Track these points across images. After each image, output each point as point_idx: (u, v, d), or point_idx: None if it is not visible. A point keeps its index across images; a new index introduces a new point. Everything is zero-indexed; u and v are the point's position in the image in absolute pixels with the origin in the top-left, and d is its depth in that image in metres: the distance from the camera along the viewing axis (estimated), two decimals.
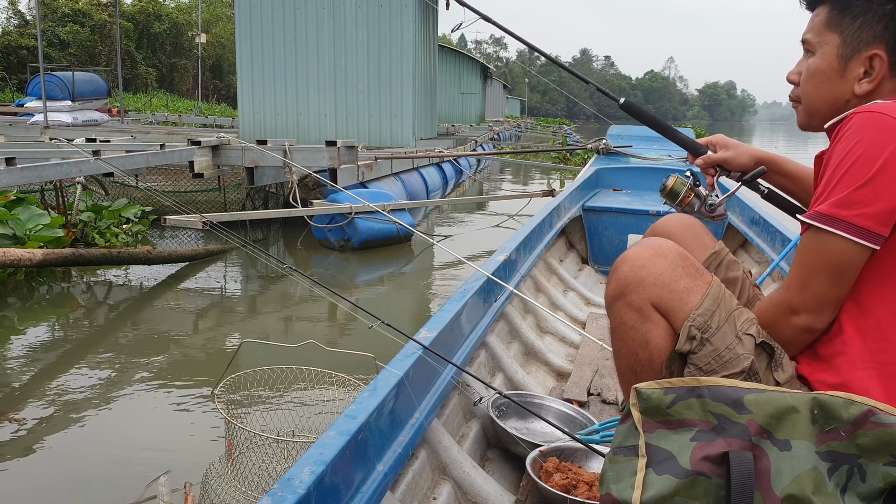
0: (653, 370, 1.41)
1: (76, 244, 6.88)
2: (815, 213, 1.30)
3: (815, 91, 1.43)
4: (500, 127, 29.27)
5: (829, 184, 1.29)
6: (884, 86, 1.36)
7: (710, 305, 1.36)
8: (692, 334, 1.34)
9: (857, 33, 1.36)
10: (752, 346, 1.35)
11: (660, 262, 1.38)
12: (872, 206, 1.24)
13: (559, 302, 3.80)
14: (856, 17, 1.36)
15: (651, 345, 1.39)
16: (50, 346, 4.86)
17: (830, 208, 1.27)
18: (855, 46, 1.36)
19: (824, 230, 1.28)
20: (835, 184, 1.28)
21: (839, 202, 1.27)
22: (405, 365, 1.84)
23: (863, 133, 1.26)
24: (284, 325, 5.49)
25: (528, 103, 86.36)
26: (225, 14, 42.65)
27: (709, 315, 1.35)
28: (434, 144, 13.54)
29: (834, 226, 1.27)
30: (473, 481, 1.94)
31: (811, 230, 1.31)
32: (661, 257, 1.39)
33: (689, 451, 1.14)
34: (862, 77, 1.36)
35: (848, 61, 1.37)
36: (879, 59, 1.34)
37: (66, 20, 33.00)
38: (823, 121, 1.44)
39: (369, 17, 12.29)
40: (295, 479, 1.31)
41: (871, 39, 1.35)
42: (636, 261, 1.40)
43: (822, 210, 1.29)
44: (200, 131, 14.95)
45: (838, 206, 1.27)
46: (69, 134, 11.30)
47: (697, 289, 1.37)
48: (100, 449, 3.34)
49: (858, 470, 1.11)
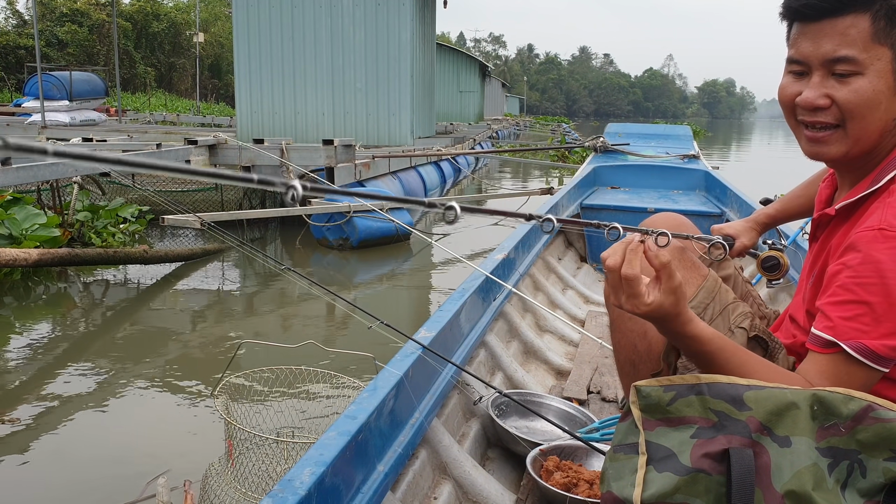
0: (651, 361, 1.41)
1: (73, 244, 6.86)
2: (864, 348, 1.18)
3: (871, 115, 1.24)
4: (499, 125, 29.30)
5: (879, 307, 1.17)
6: None
7: (705, 298, 1.36)
8: None
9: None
10: (744, 339, 1.35)
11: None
12: None
13: (558, 300, 3.79)
14: (879, 22, 1.20)
15: (649, 335, 1.39)
16: (47, 346, 4.85)
17: (883, 347, 1.17)
18: (884, 48, 1.20)
19: (867, 365, 1.19)
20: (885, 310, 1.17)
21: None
22: (405, 365, 1.83)
23: None
24: (283, 325, 5.47)
25: (527, 101, 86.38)
26: (223, 13, 42.62)
27: (702, 308, 1.35)
28: (432, 143, 13.53)
29: (881, 364, 1.18)
30: (474, 481, 1.93)
31: (844, 355, 1.20)
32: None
33: (690, 449, 1.13)
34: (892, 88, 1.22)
35: (871, 61, 1.21)
36: None
37: (64, 20, 32.98)
38: (868, 149, 1.30)
39: (367, 15, 12.28)
40: (295, 480, 1.30)
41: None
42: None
43: (874, 347, 1.17)
44: (198, 131, 14.94)
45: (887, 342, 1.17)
46: (67, 134, 11.28)
47: (693, 281, 1.38)
48: (98, 449, 3.33)
49: (859, 465, 1.10)
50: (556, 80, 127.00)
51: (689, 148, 7.14)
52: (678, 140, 7.89)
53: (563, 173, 15.59)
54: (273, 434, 2.11)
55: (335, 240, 7.63)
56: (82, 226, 7.19)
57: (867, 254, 1.19)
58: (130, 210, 7.64)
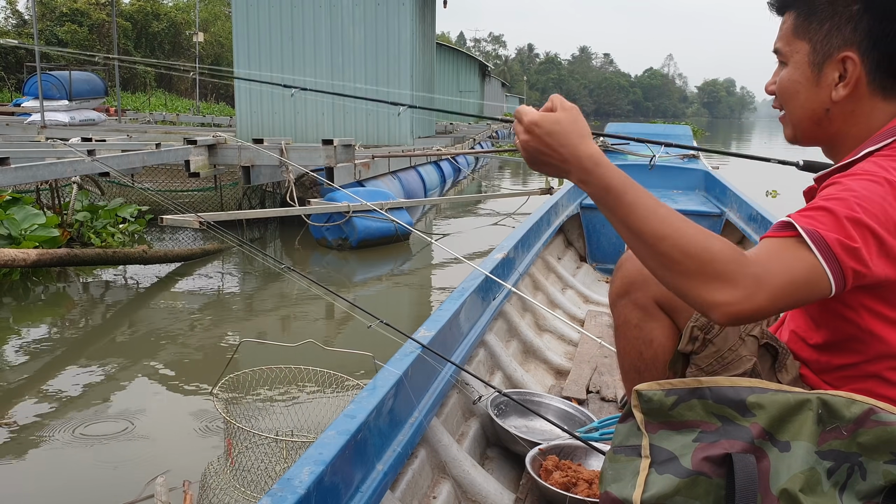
0: (656, 369, 1.40)
1: (72, 244, 6.86)
2: (818, 235, 1.11)
3: (793, 102, 1.35)
4: (499, 125, 29.23)
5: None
6: (860, 89, 1.27)
7: None
8: (694, 335, 1.33)
9: (825, 38, 1.28)
10: (755, 347, 1.33)
11: None
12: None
13: (558, 300, 3.79)
14: (822, 21, 1.29)
15: (655, 343, 1.38)
16: (46, 346, 4.85)
17: (837, 242, 1.11)
18: (826, 52, 1.28)
19: (816, 258, 1.10)
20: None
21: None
22: (404, 364, 1.83)
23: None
24: (282, 324, 5.47)
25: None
26: (223, 13, 42.59)
27: None
28: (432, 143, 13.53)
29: (830, 264, 1.10)
30: (473, 480, 1.93)
31: (797, 240, 1.12)
32: None
33: (692, 452, 1.14)
34: (837, 82, 1.28)
35: (821, 68, 1.29)
36: (851, 61, 1.26)
37: (63, 19, 32.95)
38: (808, 133, 1.36)
39: (366, 15, 12.27)
40: (294, 479, 1.30)
41: (840, 43, 1.27)
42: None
43: (828, 239, 1.10)
44: (198, 130, 14.94)
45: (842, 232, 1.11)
46: (66, 133, 11.27)
47: None
48: (97, 449, 3.32)
49: (859, 468, 1.11)
50: (556, 79, 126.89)
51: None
52: (678, 139, 7.87)
53: None
54: (272, 433, 2.11)
55: (334, 240, 7.62)
56: (81, 226, 7.18)
57: (838, 181, 1.19)
58: (130, 210, 7.64)
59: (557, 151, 1.19)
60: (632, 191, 1.14)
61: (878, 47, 1.24)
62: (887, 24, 1.23)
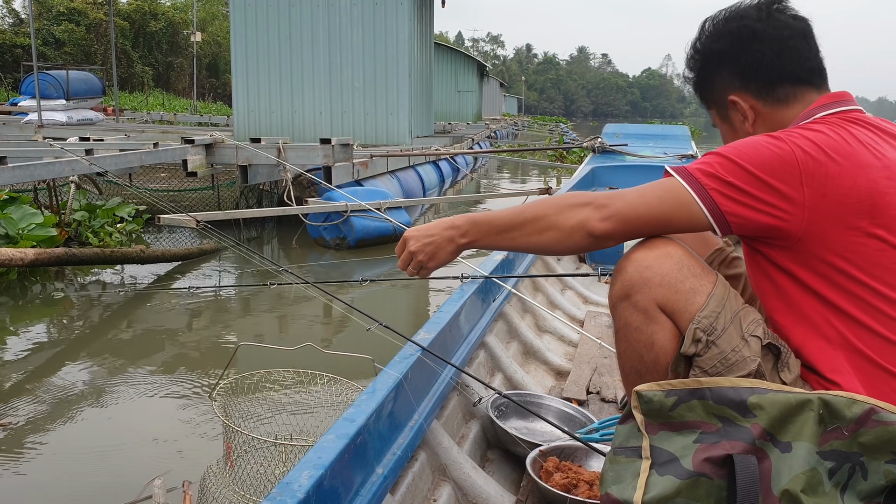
0: (658, 372, 1.38)
1: (70, 243, 6.84)
2: (682, 168, 1.34)
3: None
4: (497, 125, 29.26)
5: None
6: (762, 113, 1.47)
7: (716, 307, 1.33)
8: (697, 337, 1.32)
9: (715, 98, 1.54)
10: (758, 347, 1.32)
11: (665, 262, 1.35)
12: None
13: (557, 301, 3.77)
14: (707, 90, 1.55)
15: (656, 346, 1.36)
16: (43, 346, 4.83)
17: (699, 171, 1.31)
18: (720, 106, 1.53)
19: (682, 186, 1.31)
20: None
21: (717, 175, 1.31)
22: (404, 366, 1.82)
23: None
24: (280, 325, 5.46)
25: (525, 101, 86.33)
26: (221, 12, 42.53)
27: (714, 317, 1.32)
28: (430, 142, 13.51)
29: (693, 187, 1.30)
30: (474, 482, 1.92)
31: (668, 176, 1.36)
32: (667, 257, 1.36)
33: (692, 453, 1.14)
34: (743, 120, 1.48)
35: (726, 118, 1.52)
36: (738, 101, 1.47)
37: (61, 19, 32.86)
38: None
39: (364, 14, 12.25)
40: (294, 483, 1.29)
41: (723, 94, 1.50)
42: (641, 261, 1.37)
43: (690, 169, 1.32)
44: (195, 130, 14.90)
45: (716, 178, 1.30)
46: (63, 133, 11.25)
47: (703, 289, 1.34)
48: (95, 451, 3.31)
49: (860, 468, 1.11)
50: (554, 79, 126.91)
51: (687, 148, 7.14)
52: (676, 140, 7.89)
53: (561, 173, 15.58)
54: (271, 436, 2.09)
55: (332, 239, 7.60)
56: (79, 225, 7.16)
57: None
58: (127, 209, 7.62)
59: (434, 234, 1.57)
60: (490, 213, 1.50)
61: (747, 79, 1.46)
62: (737, 63, 1.46)
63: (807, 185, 1.23)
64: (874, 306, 1.25)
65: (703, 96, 1.58)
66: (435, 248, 1.57)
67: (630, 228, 1.36)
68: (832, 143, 1.26)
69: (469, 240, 1.53)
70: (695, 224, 1.31)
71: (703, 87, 1.56)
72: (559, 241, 1.41)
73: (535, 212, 1.43)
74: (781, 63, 1.44)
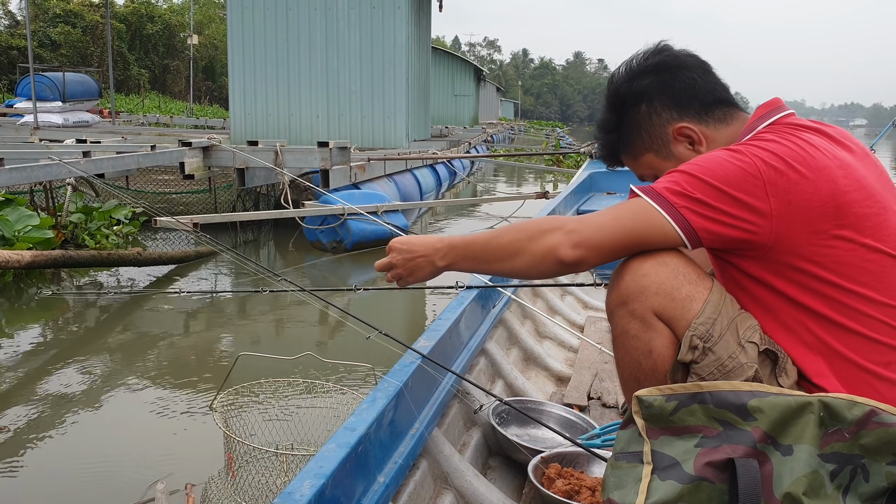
0: (656, 380, 1.38)
1: (66, 246, 6.81)
2: (649, 188, 1.33)
3: None
4: (494, 129, 29.31)
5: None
6: (707, 133, 1.46)
7: (712, 313, 1.32)
8: (694, 344, 1.31)
9: (654, 137, 1.49)
10: (755, 354, 1.32)
11: (661, 270, 1.34)
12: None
13: (557, 306, 3.76)
14: (640, 135, 1.51)
15: (654, 354, 1.36)
16: (39, 349, 4.80)
17: (666, 190, 1.31)
18: (664, 142, 1.49)
19: (648, 203, 1.31)
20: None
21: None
22: (404, 375, 1.81)
23: None
24: (277, 328, 5.43)
25: (522, 106, 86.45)
26: (217, 15, 42.55)
27: (710, 323, 1.31)
28: (427, 146, 13.52)
29: (661, 205, 1.30)
30: (476, 490, 1.90)
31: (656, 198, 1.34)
32: (663, 265, 1.35)
33: (694, 457, 1.14)
34: (691, 147, 1.47)
35: (672, 152, 1.48)
36: (685, 127, 1.45)
37: (57, 21, 32.85)
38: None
39: (362, 18, 12.26)
40: (295, 493, 1.28)
41: (666, 126, 1.48)
42: (637, 269, 1.36)
43: (657, 188, 1.31)
44: (192, 132, 14.89)
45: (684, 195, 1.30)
46: (59, 135, 11.23)
47: (699, 296, 1.34)
48: (92, 456, 3.28)
49: (862, 470, 1.12)
50: (551, 84, 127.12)
51: None
52: None
53: (558, 177, 15.60)
54: (272, 446, 2.08)
55: (329, 242, 7.58)
56: (75, 227, 7.13)
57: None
58: (124, 212, 7.59)
59: (416, 252, 1.56)
60: (469, 236, 1.50)
61: (685, 106, 1.46)
62: (671, 92, 1.46)
63: (772, 195, 1.24)
64: (850, 306, 1.26)
65: (636, 144, 1.53)
66: (415, 266, 1.57)
67: (602, 255, 1.36)
68: (788, 151, 1.27)
69: (447, 262, 1.53)
70: (668, 243, 1.31)
71: (635, 133, 1.52)
72: (532, 266, 1.41)
73: (509, 238, 1.42)
74: (711, 86, 1.47)
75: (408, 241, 1.59)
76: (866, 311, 1.26)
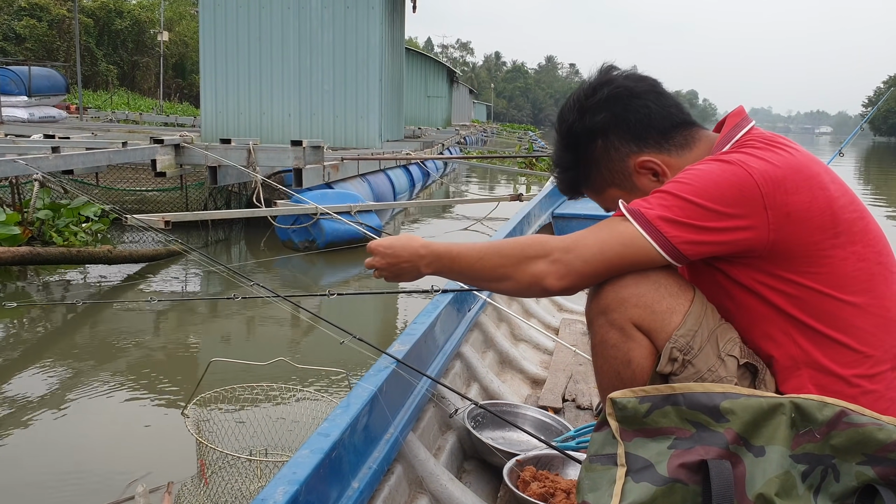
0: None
1: (33, 242, 6.68)
2: (635, 210, 1.31)
3: None
4: (467, 131, 29.35)
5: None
6: (671, 163, 1.42)
7: (692, 325, 1.32)
8: (674, 356, 1.31)
9: (615, 171, 1.47)
10: (734, 367, 1.33)
11: (642, 281, 1.34)
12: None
13: (532, 309, 3.77)
14: (600, 170, 1.48)
15: (633, 364, 1.36)
16: (3, 347, 4.70)
17: (656, 217, 1.29)
18: (626, 175, 1.46)
19: (633, 225, 1.30)
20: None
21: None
22: (378, 379, 1.79)
23: None
24: (249, 329, 5.38)
25: (494, 108, 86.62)
26: (188, 12, 42.12)
27: (690, 335, 1.31)
28: (401, 146, 13.49)
29: (648, 230, 1.29)
30: (451, 494, 1.89)
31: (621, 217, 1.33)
32: (643, 277, 1.34)
33: (667, 459, 1.15)
34: (655, 179, 1.44)
35: (636, 185, 1.45)
36: (648, 161, 1.43)
37: (22, 14, 32.26)
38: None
39: (335, 17, 12.21)
40: (269, 499, 1.27)
41: (626, 160, 1.44)
42: (618, 279, 1.35)
43: (643, 209, 1.30)
44: (162, 130, 14.73)
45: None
46: (25, 130, 11.04)
47: (680, 308, 1.33)
48: (65, 461, 3.20)
49: (832, 470, 1.14)
50: (523, 88, 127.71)
51: None
52: None
53: (531, 180, 15.65)
54: (246, 452, 2.05)
55: (301, 242, 7.53)
56: (43, 224, 7.00)
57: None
58: (93, 209, 7.46)
59: (401, 258, 1.54)
60: (455, 247, 1.47)
61: (642, 136, 1.43)
62: (626, 124, 1.43)
63: (770, 207, 1.24)
64: (840, 317, 1.27)
65: (596, 180, 1.50)
66: (400, 271, 1.58)
67: (588, 282, 1.36)
68: (779, 158, 1.27)
69: (433, 271, 1.53)
70: (656, 266, 1.32)
71: (594, 170, 1.49)
72: (518, 292, 1.42)
73: (494, 262, 1.41)
74: (666, 111, 1.44)
75: (389, 244, 1.57)
76: (856, 323, 1.27)
